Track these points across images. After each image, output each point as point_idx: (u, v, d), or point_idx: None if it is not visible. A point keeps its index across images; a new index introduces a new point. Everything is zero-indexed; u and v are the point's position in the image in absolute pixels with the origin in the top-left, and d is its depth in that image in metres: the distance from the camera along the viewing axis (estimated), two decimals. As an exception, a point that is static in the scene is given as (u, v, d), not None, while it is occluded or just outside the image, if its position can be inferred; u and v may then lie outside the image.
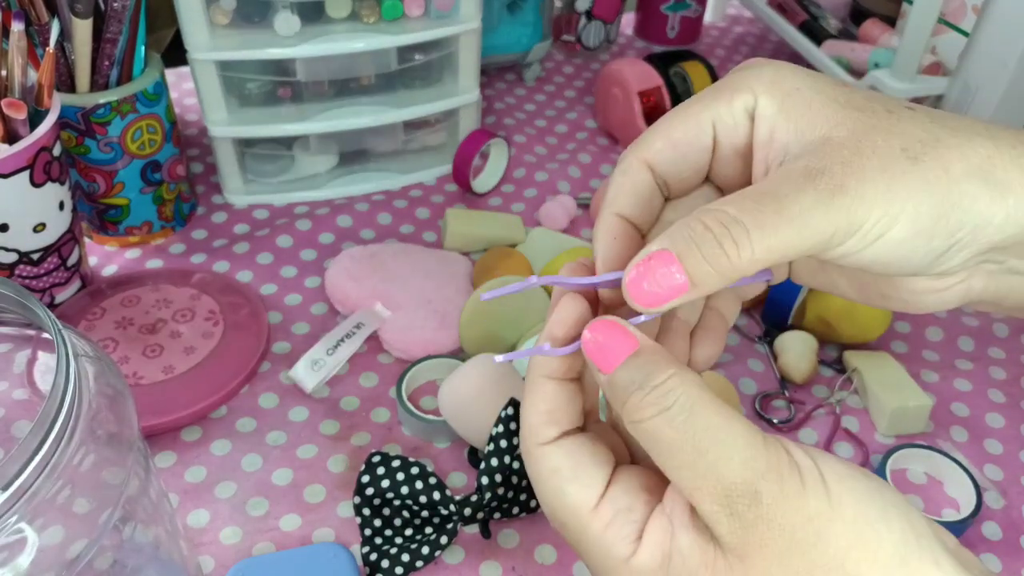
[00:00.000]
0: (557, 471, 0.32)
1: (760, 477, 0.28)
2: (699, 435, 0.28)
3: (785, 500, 0.28)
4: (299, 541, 0.52)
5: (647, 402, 0.29)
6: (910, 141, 0.31)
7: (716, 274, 0.29)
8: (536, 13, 0.92)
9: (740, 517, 0.28)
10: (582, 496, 0.31)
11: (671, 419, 0.28)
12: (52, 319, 0.35)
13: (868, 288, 0.36)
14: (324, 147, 0.77)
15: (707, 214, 0.29)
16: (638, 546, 0.30)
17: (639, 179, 0.34)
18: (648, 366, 0.29)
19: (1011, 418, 0.62)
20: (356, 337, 0.62)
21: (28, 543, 0.32)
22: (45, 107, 0.59)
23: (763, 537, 0.28)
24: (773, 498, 0.28)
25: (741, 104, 0.33)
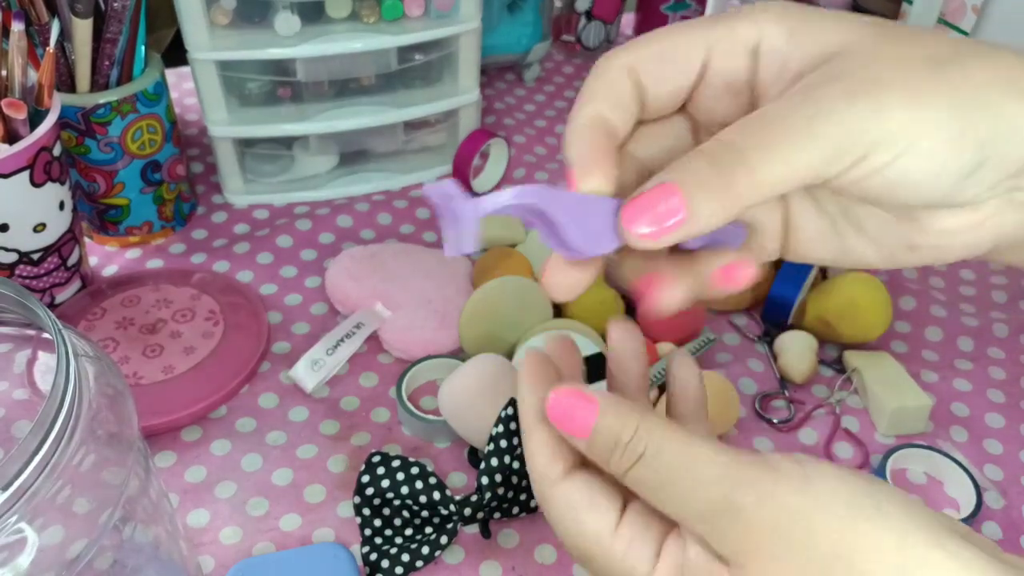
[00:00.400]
0: (573, 505, 0.32)
1: (732, 490, 0.29)
2: (670, 470, 0.29)
3: (764, 503, 0.28)
4: (299, 541, 0.52)
5: (624, 459, 0.30)
6: (932, 51, 0.29)
7: (718, 206, 0.28)
8: (536, 13, 0.92)
9: (725, 532, 0.29)
10: (601, 523, 0.32)
11: (646, 464, 0.30)
12: (52, 319, 0.35)
13: (892, 242, 0.33)
14: (324, 147, 0.77)
15: (709, 143, 0.28)
16: (657, 563, 0.31)
17: (619, 83, 0.32)
18: (615, 427, 0.31)
19: (1011, 418, 0.62)
20: (356, 337, 0.62)
21: (28, 543, 0.32)
22: (45, 107, 0.59)
23: (754, 543, 0.28)
24: (751, 505, 0.28)
25: (743, 35, 0.31)
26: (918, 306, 0.71)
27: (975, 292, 0.73)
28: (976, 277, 0.75)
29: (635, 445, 0.30)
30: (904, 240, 0.33)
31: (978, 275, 0.75)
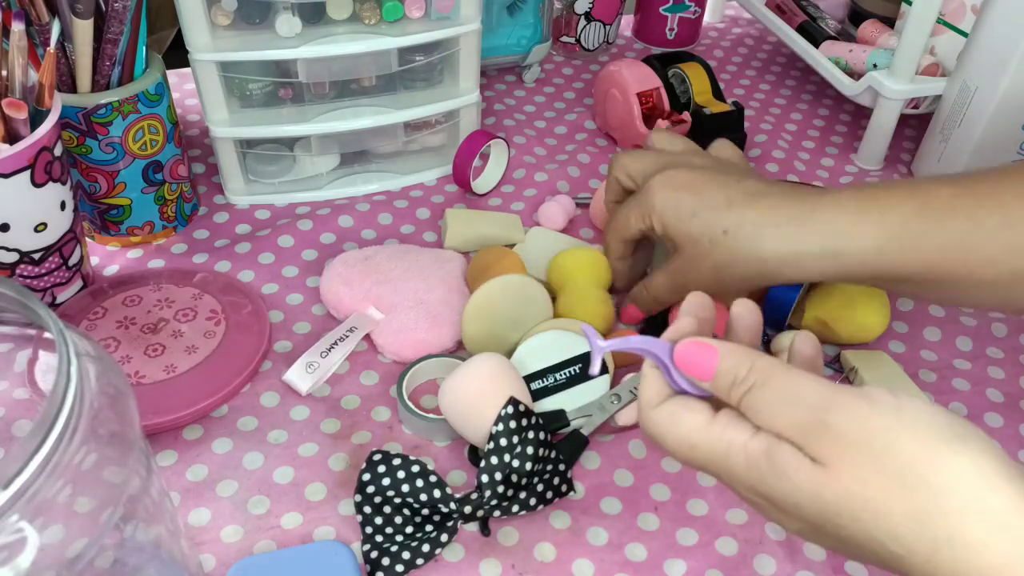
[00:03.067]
0: (673, 412, 0.39)
1: (825, 410, 0.34)
2: (776, 394, 0.36)
3: (852, 422, 0.34)
4: (300, 539, 0.53)
5: (741, 389, 0.37)
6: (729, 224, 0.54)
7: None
8: (536, 15, 0.92)
9: (816, 440, 0.34)
10: (699, 417, 0.38)
11: (757, 391, 0.37)
12: (53, 319, 0.35)
13: None
14: (325, 148, 0.77)
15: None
16: (751, 436, 0.37)
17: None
18: (734, 370, 0.37)
19: (1010, 418, 0.62)
20: (350, 340, 0.63)
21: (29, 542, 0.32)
22: (46, 107, 0.59)
23: (838, 452, 0.34)
24: (840, 423, 0.34)
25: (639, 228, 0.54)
26: (917, 306, 0.71)
27: (974, 292, 0.73)
28: (975, 277, 0.75)
29: (749, 378, 0.37)
30: None
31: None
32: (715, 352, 0.38)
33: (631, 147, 0.85)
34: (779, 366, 0.37)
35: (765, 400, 0.36)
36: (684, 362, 0.39)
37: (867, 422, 0.33)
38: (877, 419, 0.33)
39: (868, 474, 0.33)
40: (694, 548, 0.53)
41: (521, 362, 0.60)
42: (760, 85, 1.00)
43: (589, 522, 0.54)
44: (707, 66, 0.86)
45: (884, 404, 0.34)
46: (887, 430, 0.33)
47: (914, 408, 0.34)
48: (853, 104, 0.91)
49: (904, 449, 0.33)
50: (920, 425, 0.33)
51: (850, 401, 0.34)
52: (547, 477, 0.53)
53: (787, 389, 0.36)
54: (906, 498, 0.32)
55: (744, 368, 0.37)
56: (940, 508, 0.31)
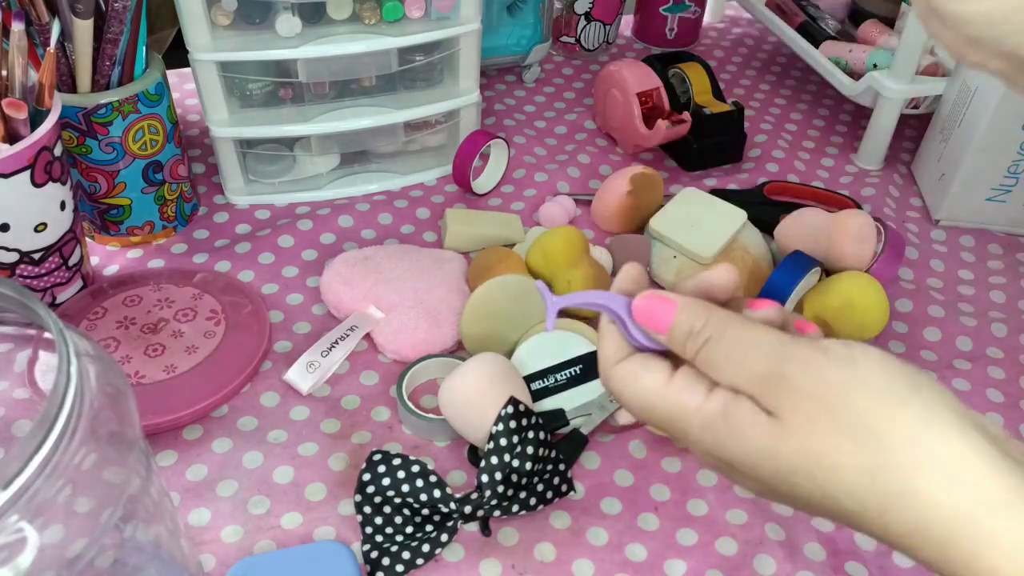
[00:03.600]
0: (631, 371, 0.38)
1: (781, 361, 0.34)
2: (730, 347, 0.36)
3: (807, 373, 0.33)
4: (300, 539, 0.53)
5: (696, 342, 0.36)
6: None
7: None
8: (536, 15, 0.92)
9: (772, 392, 0.34)
10: (656, 377, 0.38)
11: (712, 344, 0.36)
12: (53, 319, 0.35)
13: None
14: (325, 148, 0.77)
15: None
16: (707, 397, 0.36)
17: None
18: (689, 321, 0.37)
19: (1010, 418, 0.62)
20: (350, 339, 0.63)
21: (29, 542, 0.32)
22: (46, 107, 0.59)
23: (793, 404, 0.33)
24: (795, 375, 0.34)
25: None
26: (916, 306, 0.71)
27: (974, 292, 0.73)
28: (975, 277, 0.75)
29: (705, 331, 0.36)
30: None
31: (977, 275, 0.75)
32: (673, 305, 0.37)
33: (631, 147, 0.85)
34: (735, 318, 0.36)
35: (722, 353, 0.36)
36: (642, 314, 0.38)
37: (822, 374, 0.33)
38: (832, 371, 0.33)
39: (822, 429, 0.33)
40: (694, 548, 0.53)
41: (521, 362, 0.60)
42: (760, 85, 1.00)
43: (589, 522, 0.54)
44: (707, 66, 0.86)
45: (839, 356, 0.34)
46: (841, 383, 0.33)
47: (867, 359, 0.33)
48: (853, 104, 0.91)
49: (857, 403, 0.32)
50: (873, 377, 0.33)
51: (806, 353, 0.34)
52: (547, 477, 0.53)
53: (743, 341, 0.35)
54: (859, 453, 0.32)
55: (700, 320, 0.36)
56: (891, 462, 0.31)
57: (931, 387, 0.33)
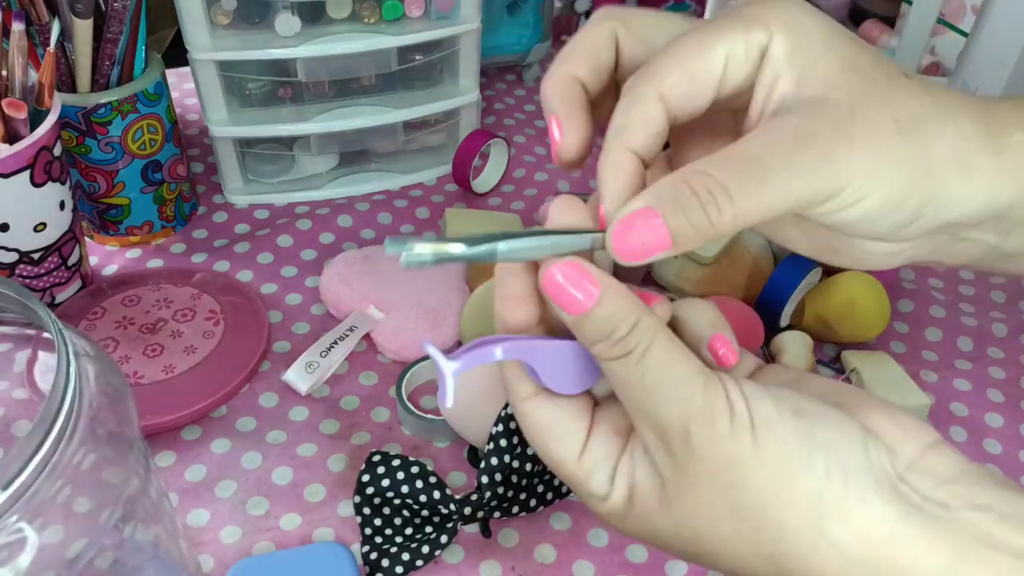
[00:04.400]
0: (541, 430, 0.33)
1: (692, 419, 0.30)
2: (647, 376, 0.30)
3: (712, 442, 0.30)
4: (299, 540, 0.53)
5: (612, 351, 0.30)
6: (902, 113, 0.31)
7: (697, 235, 0.30)
8: (536, 14, 0.92)
9: (674, 454, 0.30)
10: (565, 453, 0.33)
11: (628, 364, 0.30)
12: (52, 319, 0.35)
13: (820, 243, 0.36)
14: (324, 147, 0.77)
15: (694, 177, 0.29)
16: (612, 487, 0.33)
17: (653, 113, 0.32)
18: (614, 319, 0.30)
19: (1010, 418, 0.62)
20: (350, 339, 0.63)
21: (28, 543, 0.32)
22: (46, 107, 0.59)
23: (692, 475, 0.30)
24: (701, 439, 0.30)
25: (756, 40, 0.32)
26: (917, 306, 0.71)
27: (974, 292, 0.73)
28: (975, 277, 0.75)
29: (628, 342, 0.30)
30: (831, 244, 0.36)
31: (977, 275, 0.75)
32: (595, 286, 0.30)
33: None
34: (661, 334, 0.30)
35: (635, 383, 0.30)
36: (554, 286, 0.30)
37: (725, 446, 0.29)
38: (735, 444, 0.29)
39: (720, 511, 0.30)
40: (694, 549, 0.53)
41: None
42: (760, 85, 0.99)
43: (589, 523, 0.54)
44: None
45: (741, 422, 0.30)
46: (741, 460, 0.29)
47: (766, 427, 0.30)
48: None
49: (753, 485, 0.30)
50: (770, 452, 0.29)
51: (715, 412, 0.30)
52: (547, 478, 0.53)
53: (661, 376, 0.30)
54: (759, 541, 0.30)
55: (624, 325, 0.30)
56: (791, 551, 0.30)
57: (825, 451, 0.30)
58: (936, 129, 0.32)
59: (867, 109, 0.31)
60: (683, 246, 0.30)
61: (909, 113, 0.31)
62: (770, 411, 0.30)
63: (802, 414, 0.30)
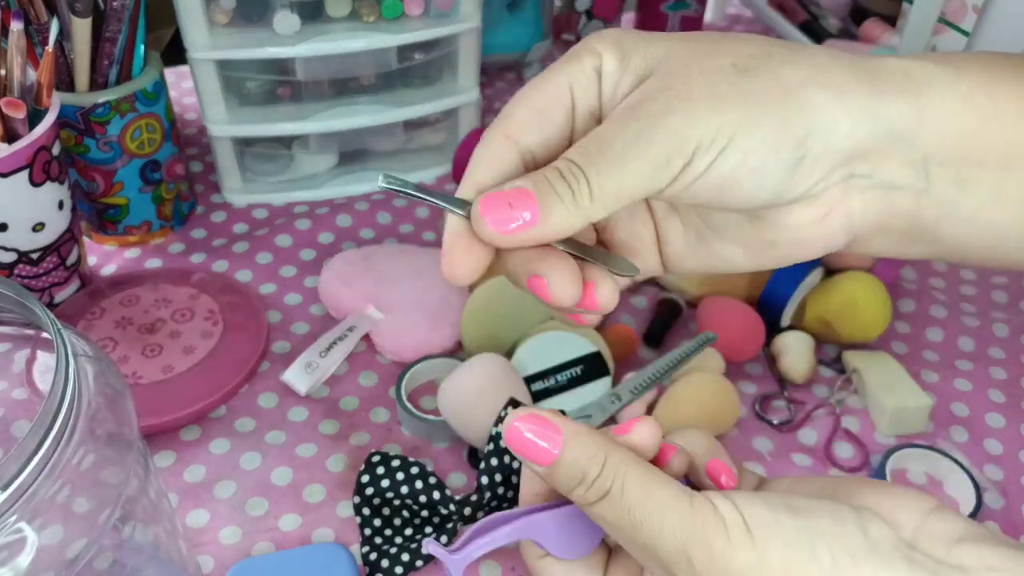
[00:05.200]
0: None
1: (688, 543, 0.29)
2: (633, 511, 0.30)
3: (714, 561, 0.29)
4: (299, 541, 0.52)
5: (590, 494, 0.31)
6: (740, 56, 0.31)
7: (566, 214, 0.30)
8: (536, 12, 0.92)
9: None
10: None
11: (611, 503, 0.30)
12: (51, 319, 0.35)
13: (753, 242, 0.36)
14: (324, 146, 0.77)
15: (560, 162, 0.31)
16: None
17: (501, 154, 0.33)
18: (582, 462, 0.31)
19: (1011, 418, 0.62)
20: (349, 339, 0.62)
21: (28, 543, 0.32)
22: (44, 106, 0.59)
23: None
24: (703, 562, 0.29)
25: (590, 63, 0.33)
26: (918, 306, 0.71)
27: (975, 292, 0.73)
28: (977, 277, 0.75)
29: (602, 482, 0.30)
30: (763, 239, 0.35)
31: (979, 275, 0.75)
32: (557, 433, 0.31)
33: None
34: (634, 466, 0.31)
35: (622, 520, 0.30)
36: (517, 440, 0.31)
37: (727, 561, 0.29)
38: (737, 556, 0.29)
39: None
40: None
41: (521, 363, 0.59)
42: (760, 84, 0.99)
43: (590, 523, 0.54)
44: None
45: (737, 531, 0.29)
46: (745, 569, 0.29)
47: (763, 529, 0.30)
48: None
49: None
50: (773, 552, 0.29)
51: (708, 531, 0.30)
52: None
53: (646, 508, 0.30)
54: None
55: (594, 465, 0.30)
56: None
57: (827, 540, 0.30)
58: (783, 64, 0.31)
59: (700, 62, 0.31)
60: (551, 226, 0.30)
61: (747, 55, 0.31)
62: (764, 513, 0.30)
63: (795, 511, 0.30)
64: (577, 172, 0.30)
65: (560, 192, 0.30)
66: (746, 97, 0.30)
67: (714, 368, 0.60)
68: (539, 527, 0.33)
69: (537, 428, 0.31)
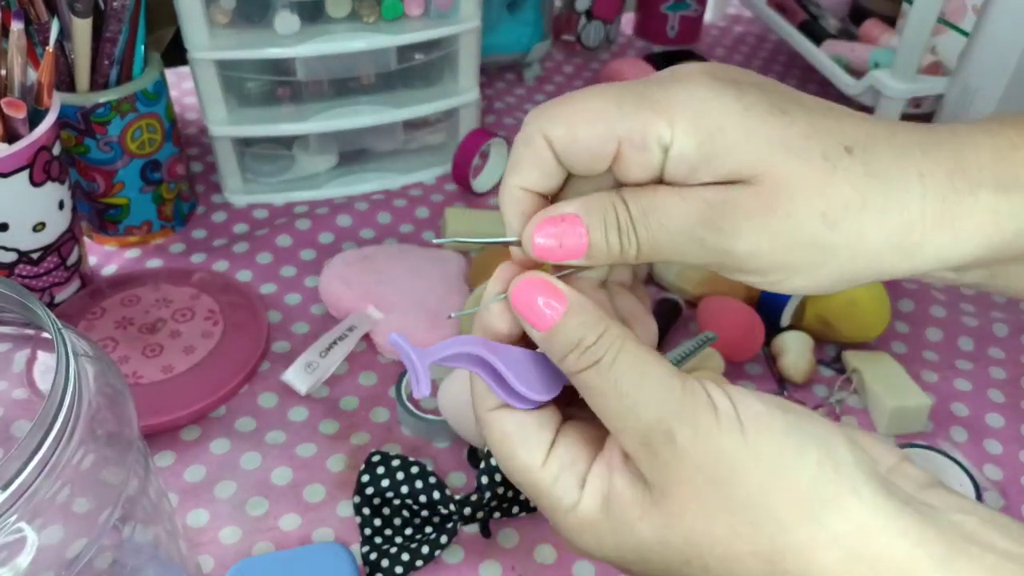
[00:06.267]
0: (507, 436, 0.33)
1: (674, 417, 0.29)
2: (620, 381, 0.30)
3: (698, 439, 0.29)
4: (299, 541, 0.52)
5: (581, 360, 0.31)
6: (833, 204, 0.31)
7: (608, 255, 0.32)
8: (536, 12, 0.92)
9: (657, 455, 0.30)
10: (530, 458, 0.33)
11: (600, 371, 0.30)
12: (52, 318, 0.35)
13: None
14: (324, 147, 0.77)
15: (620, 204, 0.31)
16: (581, 494, 0.32)
17: (542, 156, 0.32)
18: (581, 328, 0.31)
19: (1011, 418, 0.62)
20: (349, 339, 0.62)
21: (28, 543, 0.32)
22: (45, 106, 0.59)
23: (680, 474, 0.29)
24: (686, 437, 0.29)
25: (655, 135, 0.31)
26: (918, 307, 0.71)
27: (975, 292, 0.73)
28: (976, 277, 0.74)
29: (596, 350, 0.31)
30: None
31: (978, 275, 0.75)
32: (562, 299, 0.31)
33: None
34: (631, 343, 0.31)
35: (608, 389, 0.30)
36: (522, 301, 0.31)
37: (713, 441, 0.29)
38: (723, 438, 0.29)
39: (714, 509, 0.29)
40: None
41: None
42: (760, 84, 0.99)
43: (589, 523, 0.54)
44: (707, 65, 0.85)
45: (728, 417, 0.29)
46: (732, 455, 0.29)
47: (754, 421, 0.29)
48: (855, 103, 0.91)
49: (751, 479, 0.29)
50: (763, 445, 0.29)
51: (698, 411, 0.29)
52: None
53: (636, 377, 0.30)
54: (756, 538, 0.29)
55: (593, 333, 0.31)
56: (789, 545, 0.29)
57: (817, 442, 0.30)
58: (874, 216, 0.31)
59: (791, 200, 0.30)
60: (594, 260, 0.32)
61: (842, 201, 0.31)
62: (758, 406, 0.30)
63: (789, 409, 0.30)
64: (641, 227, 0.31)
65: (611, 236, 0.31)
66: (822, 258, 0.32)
67: (714, 368, 0.60)
68: (508, 355, 0.32)
69: (543, 290, 0.31)
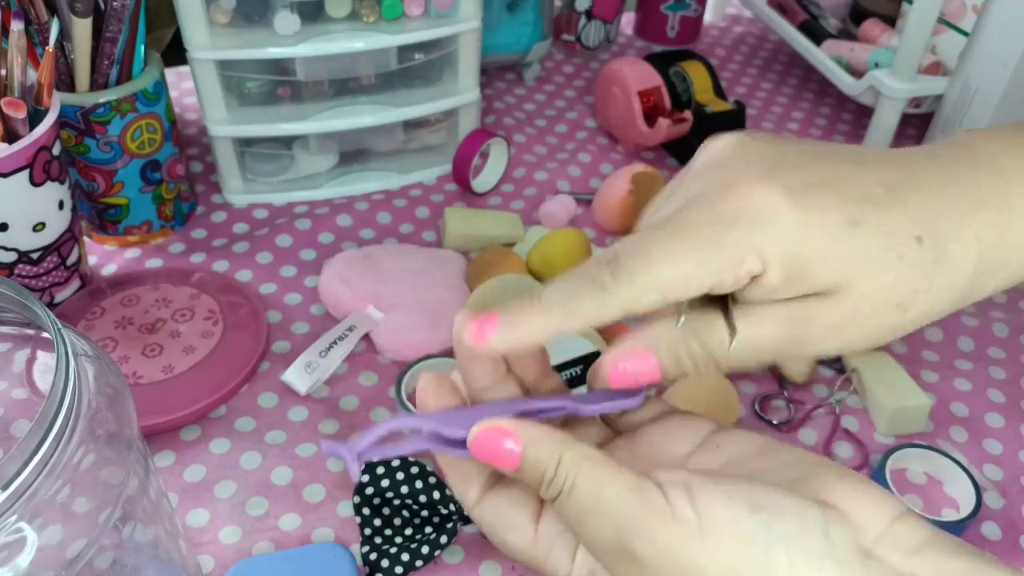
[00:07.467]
0: (494, 525, 0.36)
1: (633, 536, 0.30)
2: (579, 507, 0.32)
3: (658, 555, 0.30)
4: (299, 541, 0.52)
5: (550, 492, 0.32)
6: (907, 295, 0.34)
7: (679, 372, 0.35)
8: (536, 12, 0.92)
9: (627, 571, 0.31)
10: (519, 539, 0.35)
11: (561, 500, 0.32)
12: (51, 318, 0.35)
13: None
14: (324, 147, 0.77)
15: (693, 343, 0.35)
16: (572, 567, 0.35)
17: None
18: (540, 465, 0.32)
19: (1011, 418, 0.62)
20: (349, 339, 0.62)
21: (27, 543, 0.32)
22: (45, 106, 0.59)
23: None
24: (647, 555, 0.30)
25: (747, 270, 0.33)
26: (918, 306, 0.71)
27: (975, 292, 0.73)
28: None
29: (558, 479, 0.32)
30: None
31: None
32: (516, 440, 0.33)
33: (632, 146, 0.85)
34: (586, 464, 0.32)
35: (573, 514, 0.32)
36: (483, 450, 0.33)
37: (674, 555, 0.30)
38: (684, 553, 0.30)
39: None
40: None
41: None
42: (762, 84, 0.99)
43: (589, 523, 0.54)
44: (708, 64, 0.85)
45: (688, 529, 0.30)
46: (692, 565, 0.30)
47: (718, 530, 0.30)
48: (855, 103, 0.91)
49: None
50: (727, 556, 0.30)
51: (655, 523, 0.30)
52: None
53: (592, 504, 0.31)
54: None
55: (552, 465, 0.32)
56: None
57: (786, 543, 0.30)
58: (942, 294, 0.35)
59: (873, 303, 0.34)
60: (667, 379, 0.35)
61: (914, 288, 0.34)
62: (721, 511, 0.30)
63: (758, 509, 0.30)
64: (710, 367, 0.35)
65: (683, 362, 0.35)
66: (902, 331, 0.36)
67: (729, 408, 0.59)
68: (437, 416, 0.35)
69: (498, 436, 0.33)
